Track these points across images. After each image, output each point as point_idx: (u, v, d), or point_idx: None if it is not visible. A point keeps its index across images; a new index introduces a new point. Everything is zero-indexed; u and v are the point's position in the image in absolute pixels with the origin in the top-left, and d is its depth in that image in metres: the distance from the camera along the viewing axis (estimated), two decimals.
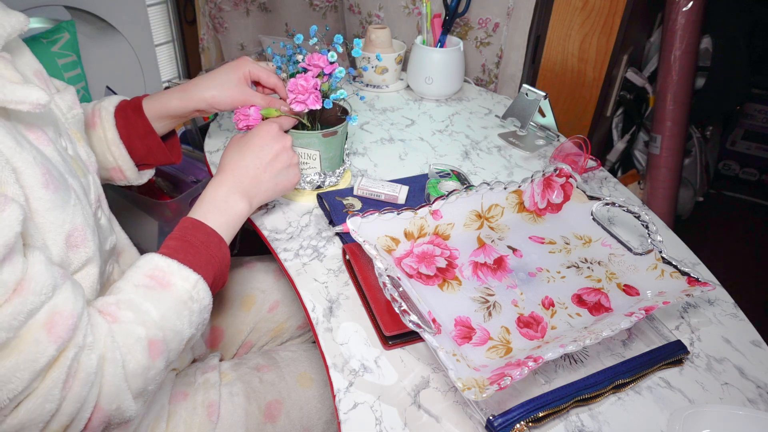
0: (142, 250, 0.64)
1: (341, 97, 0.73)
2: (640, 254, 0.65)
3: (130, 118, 0.71)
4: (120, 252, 0.66)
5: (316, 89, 0.70)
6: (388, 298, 0.52)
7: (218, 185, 0.63)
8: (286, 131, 0.72)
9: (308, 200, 0.81)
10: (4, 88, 0.45)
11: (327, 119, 0.80)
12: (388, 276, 0.55)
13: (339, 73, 0.72)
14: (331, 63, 0.71)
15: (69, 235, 0.48)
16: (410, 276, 0.62)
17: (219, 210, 0.61)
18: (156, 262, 0.53)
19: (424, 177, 0.85)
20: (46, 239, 0.46)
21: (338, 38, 0.71)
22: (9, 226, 0.39)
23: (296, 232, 0.73)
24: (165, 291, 0.51)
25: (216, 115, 1.14)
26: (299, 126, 0.74)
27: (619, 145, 1.70)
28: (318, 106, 0.71)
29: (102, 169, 0.72)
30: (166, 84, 1.51)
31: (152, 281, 0.52)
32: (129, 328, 0.48)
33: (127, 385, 0.47)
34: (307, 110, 0.71)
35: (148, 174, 0.77)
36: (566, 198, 0.74)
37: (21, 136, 0.47)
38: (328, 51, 0.71)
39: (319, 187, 0.80)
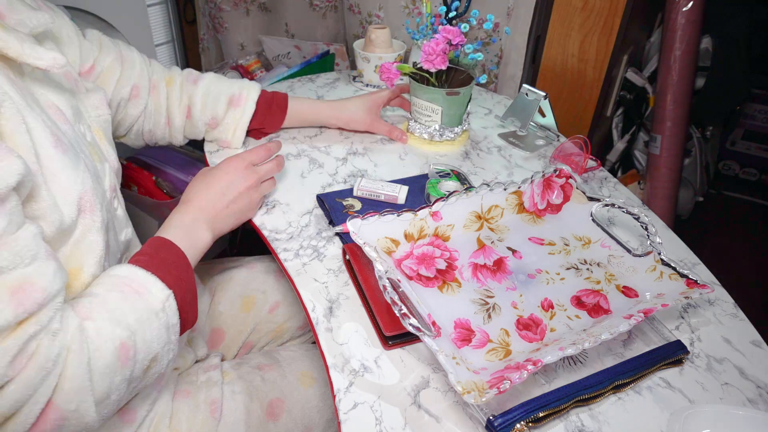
0: None
1: (476, 58, 0.86)
2: (640, 256, 0.65)
3: (273, 112, 0.88)
4: (133, 248, 0.66)
5: (444, 53, 0.82)
6: (389, 301, 0.53)
7: (183, 213, 0.63)
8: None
9: (425, 148, 0.94)
10: (23, 44, 0.46)
11: (454, 82, 0.92)
12: (388, 279, 0.55)
13: (474, 54, 0.87)
14: (464, 33, 0.85)
15: (80, 198, 0.48)
16: (410, 278, 0.62)
17: (186, 234, 0.61)
18: (132, 270, 0.52)
19: (424, 177, 0.85)
20: (58, 198, 0.46)
21: (474, 13, 0.86)
22: (2, 178, 0.39)
23: (296, 232, 0.73)
24: (139, 297, 0.50)
25: None
26: (427, 82, 0.88)
27: (619, 145, 1.70)
28: (443, 67, 0.83)
29: (216, 135, 0.86)
30: None
31: (127, 287, 0.50)
32: (102, 325, 0.47)
33: (90, 385, 0.45)
34: (435, 69, 0.83)
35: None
36: (566, 199, 0.74)
37: (33, 99, 0.48)
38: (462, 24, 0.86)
39: (437, 139, 0.93)
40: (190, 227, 0.62)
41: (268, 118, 0.88)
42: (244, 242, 1.60)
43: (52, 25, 0.57)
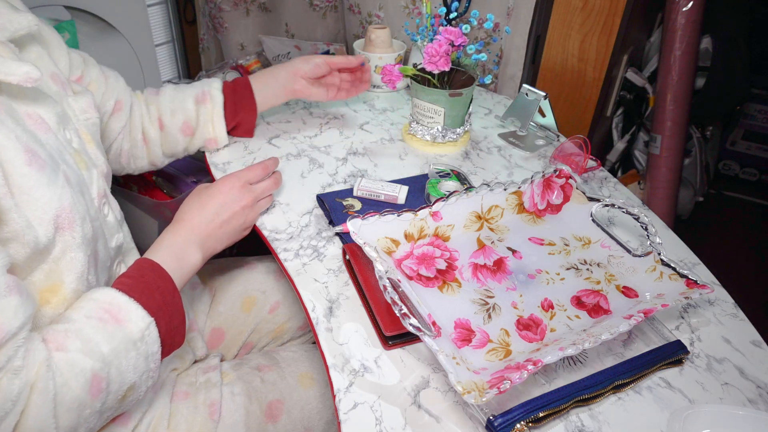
0: (142, 250, 0.64)
1: (480, 58, 0.87)
2: (640, 256, 0.65)
3: (240, 93, 0.85)
4: (126, 252, 0.66)
5: (447, 54, 0.82)
6: (389, 301, 0.53)
7: (175, 233, 0.63)
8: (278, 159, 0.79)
9: (427, 150, 0.93)
10: None
11: (455, 83, 0.92)
12: (389, 278, 0.55)
13: (477, 54, 0.87)
14: (464, 35, 0.85)
15: (58, 215, 0.47)
16: (410, 278, 0.62)
17: (176, 257, 0.60)
18: (112, 295, 0.51)
19: (424, 177, 0.85)
20: (32, 218, 0.45)
21: (475, 13, 0.85)
22: None
23: (296, 232, 0.73)
24: (118, 326, 0.49)
25: None
26: (429, 83, 0.88)
27: (619, 145, 1.70)
28: (446, 68, 0.83)
29: (199, 140, 0.84)
30: (166, 84, 1.51)
31: (106, 314, 0.49)
32: (74, 357, 0.45)
33: (54, 422, 0.43)
34: (437, 71, 0.83)
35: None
36: (566, 199, 0.74)
37: (7, 115, 0.46)
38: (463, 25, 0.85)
39: (439, 141, 0.92)
40: (181, 249, 0.61)
41: (239, 103, 0.86)
42: (244, 242, 1.60)
43: (37, 28, 0.56)
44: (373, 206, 0.77)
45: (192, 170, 1.36)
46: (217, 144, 0.87)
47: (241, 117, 0.87)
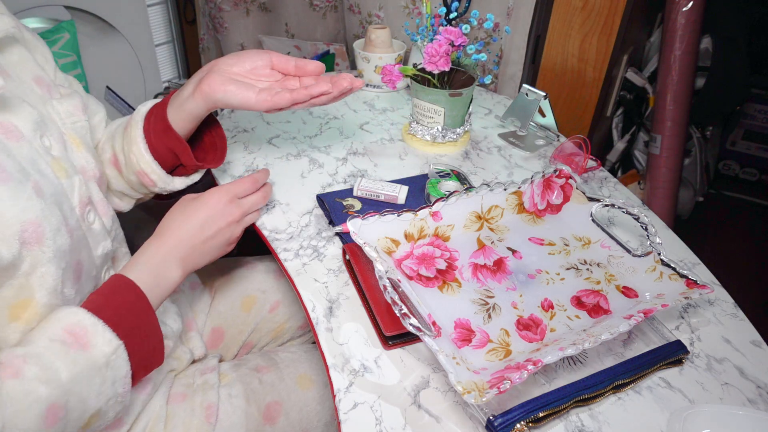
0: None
1: (480, 58, 0.87)
2: (639, 256, 0.65)
3: (155, 115, 0.66)
4: (119, 258, 0.64)
5: (447, 54, 0.82)
6: (389, 300, 0.53)
7: (155, 248, 0.59)
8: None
9: (427, 150, 0.93)
10: None
11: (455, 83, 0.92)
12: (389, 278, 0.55)
13: (477, 54, 0.86)
14: (465, 35, 0.85)
15: (23, 230, 0.45)
16: (410, 278, 0.62)
17: (154, 274, 0.57)
18: (80, 317, 0.48)
19: (424, 177, 0.85)
20: None
21: (475, 13, 0.85)
22: None
23: (296, 232, 0.73)
24: (82, 351, 0.47)
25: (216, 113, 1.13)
26: (429, 83, 0.88)
27: (619, 145, 1.70)
28: (446, 68, 0.83)
29: (132, 175, 0.68)
30: (166, 84, 1.51)
31: (71, 338, 0.47)
32: (30, 386, 0.43)
33: None
34: (437, 71, 0.83)
35: (183, 180, 0.71)
36: (566, 199, 0.74)
37: None
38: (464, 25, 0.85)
39: (439, 141, 0.92)
40: (160, 265, 0.58)
41: (150, 125, 0.66)
42: (244, 242, 1.60)
43: (15, 30, 0.54)
44: (373, 206, 0.77)
45: None
46: (149, 179, 0.68)
47: (167, 143, 0.66)
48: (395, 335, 0.57)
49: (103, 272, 0.59)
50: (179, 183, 0.71)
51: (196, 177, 0.73)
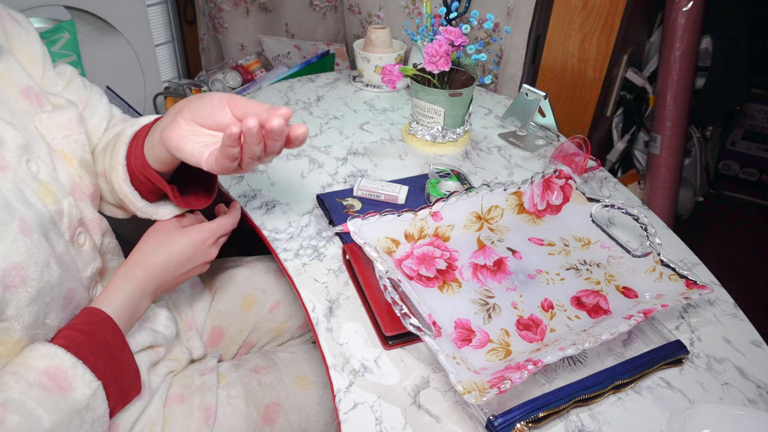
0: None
1: (480, 58, 0.87)
2: (639, 256, 0.65)
3: (135, 149, 0.58)
4: (109, 270, 0.63)
5: (447, 54, 0.82)
6: (389, 300, 0.53)
7: (134, 283, 0.58)
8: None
9: (427, 150, 0.93)
10: None
11: (455, 83, 0.92)
12: (389, 278, 0.55)
13: (477, 54, 0.86)
14: (465, 35, 0.85)
15: (5, 275, 0.44)
16: (410, 278, 0.62)
17: (131, 309, 0.57)
18: (60, 359, 0.47)
19: (424, 177, 0.85)
20: None
21: (475, 13, 0.85)
22: None
23: (296, 232, 0.73)
24: (63, 395, 0.46)
25: None
26: (429, 83, 0.88)
27: (619, 145, 1.70)
28: (446, 68, 0.83)
29: (117, 198, 0.62)
30: (166, 84, 1.51)
31: (51, 382, 0.46)
32: None
33: None
34: (437, 71, 0.83)
35: (171, 211, 0.63)
36: (566, 199, 0.74)
37: None
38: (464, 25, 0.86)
39: (439, 141, 0.93)
40: (137, 300, 0.58)
41: (136, 150, 0.58)
42: (244, 242, 1.60)
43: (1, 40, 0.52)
44: (373, 206, 0.77)
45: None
46: (129, 208, 0.63)
47: (150, 177, 0.59)
48: (395, 335, 0.57)
49: (91, 291, 0.58)
50: (164, 213, 0.63)
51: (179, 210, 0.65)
